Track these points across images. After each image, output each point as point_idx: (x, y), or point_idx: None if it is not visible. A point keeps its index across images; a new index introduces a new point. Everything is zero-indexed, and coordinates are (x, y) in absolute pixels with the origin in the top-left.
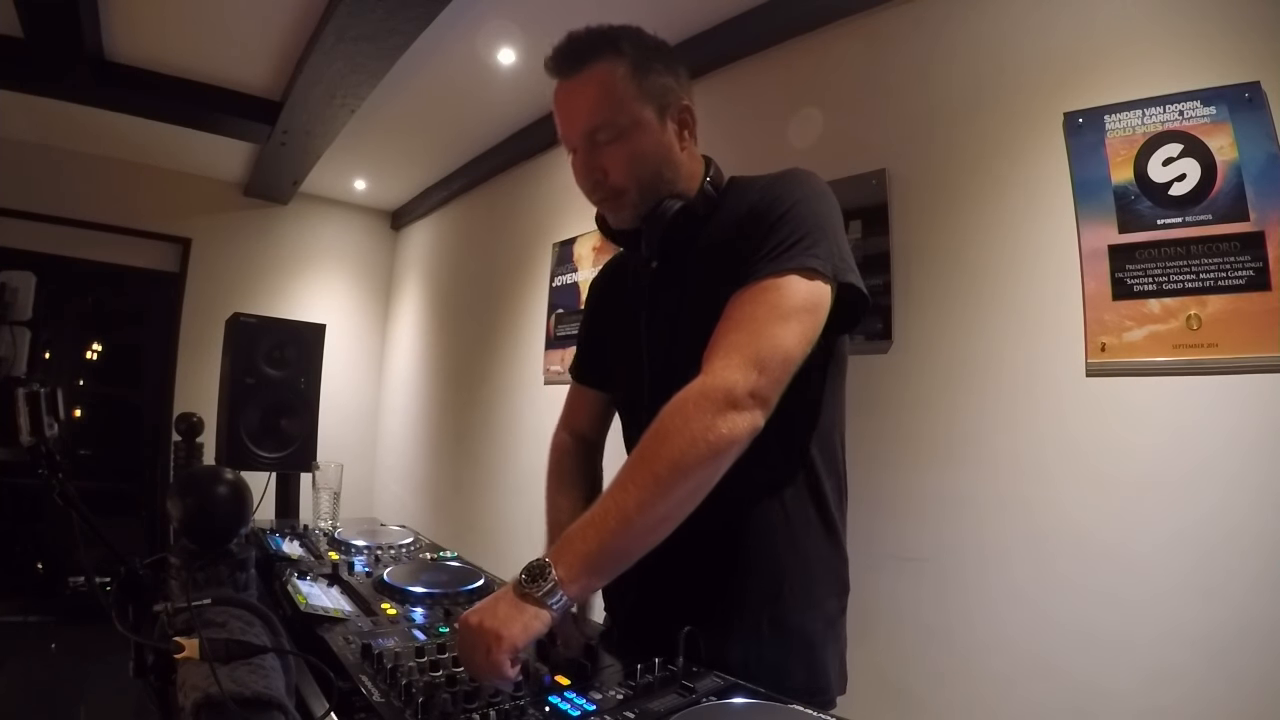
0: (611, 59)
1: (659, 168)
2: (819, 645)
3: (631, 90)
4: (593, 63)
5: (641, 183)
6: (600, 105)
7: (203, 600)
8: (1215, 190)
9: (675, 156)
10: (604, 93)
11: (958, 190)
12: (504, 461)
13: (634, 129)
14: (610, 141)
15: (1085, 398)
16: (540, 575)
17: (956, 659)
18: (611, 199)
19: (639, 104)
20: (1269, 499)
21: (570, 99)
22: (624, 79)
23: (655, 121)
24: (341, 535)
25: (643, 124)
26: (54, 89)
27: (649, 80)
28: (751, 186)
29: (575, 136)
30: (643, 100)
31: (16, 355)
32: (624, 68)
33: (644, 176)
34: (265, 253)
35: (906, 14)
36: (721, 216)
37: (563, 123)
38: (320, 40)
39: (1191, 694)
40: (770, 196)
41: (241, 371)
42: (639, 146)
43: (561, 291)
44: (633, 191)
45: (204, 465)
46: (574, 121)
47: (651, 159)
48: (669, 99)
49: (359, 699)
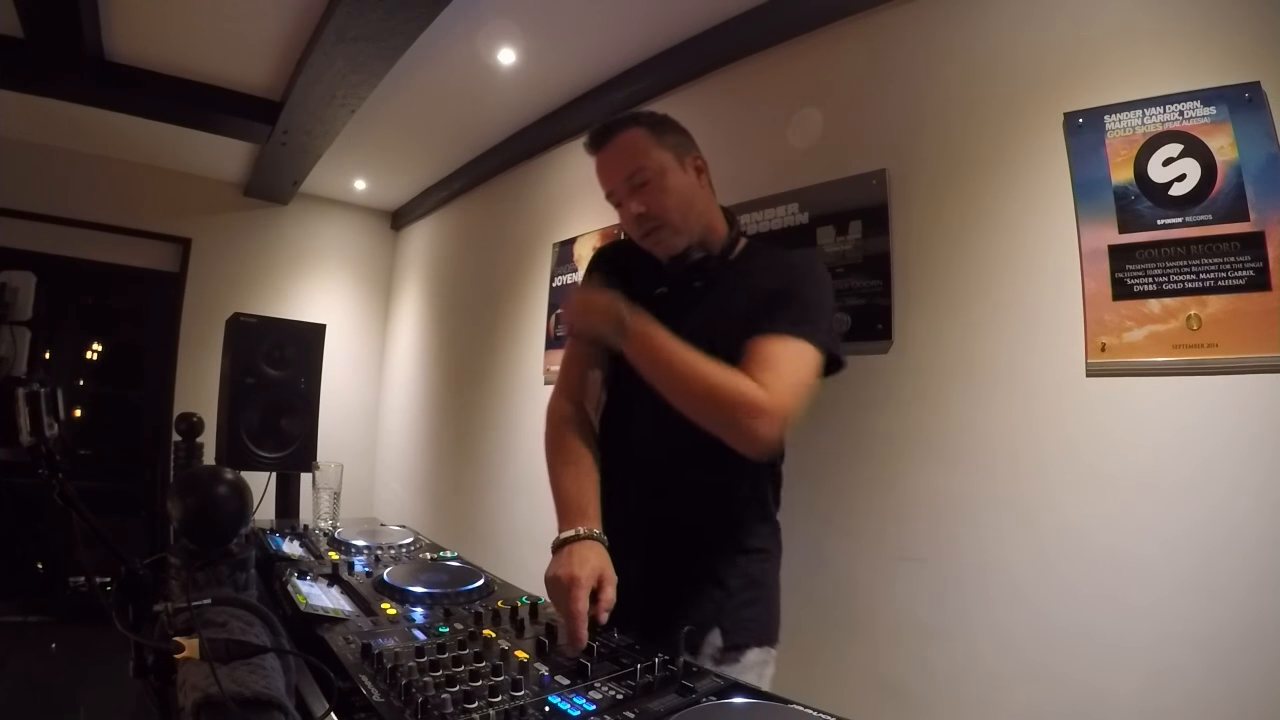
0: (632, 127)
1: (690, 200)
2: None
3: (651, 144)
4: (619, 133)
5: (675, 211)
6: (630, 158)
7: (203, 600)
8: (1215, 190)
9: (700, 193)
10: (631, 149)
11: (958, 190)
12: (504, 461)
13: (661, 172)
14: (644, 184)
15: (1085, 398)
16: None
17: (956, 659)
18: (657, 229)
19: (660, 153)
20: (1269, 499)
21: (606, 163)
22: (645, 138)
23: (676, 165)
24: (341, 535)
25: (666, 167)
26: (54, 89)
27: (665, 138)
28: (776, 261)
29: (617, 187)
30: (662, 150)
31: (16, 355)
32: (644, 131)
33: (677, 206)
34: (265, 253)
35: (906, 14)
36: (746, 279)
37: (605, 181)
38: (320, 40)
39: (1192, 695)
40: (793, 281)
41: (241, 371)
42: (668, 184)
43: (561, 291)
44: (674, 219)
45: (204, 465)
46: (612, 176)
47: (681, 194)
48: (683, 151)
49: (359, 699)
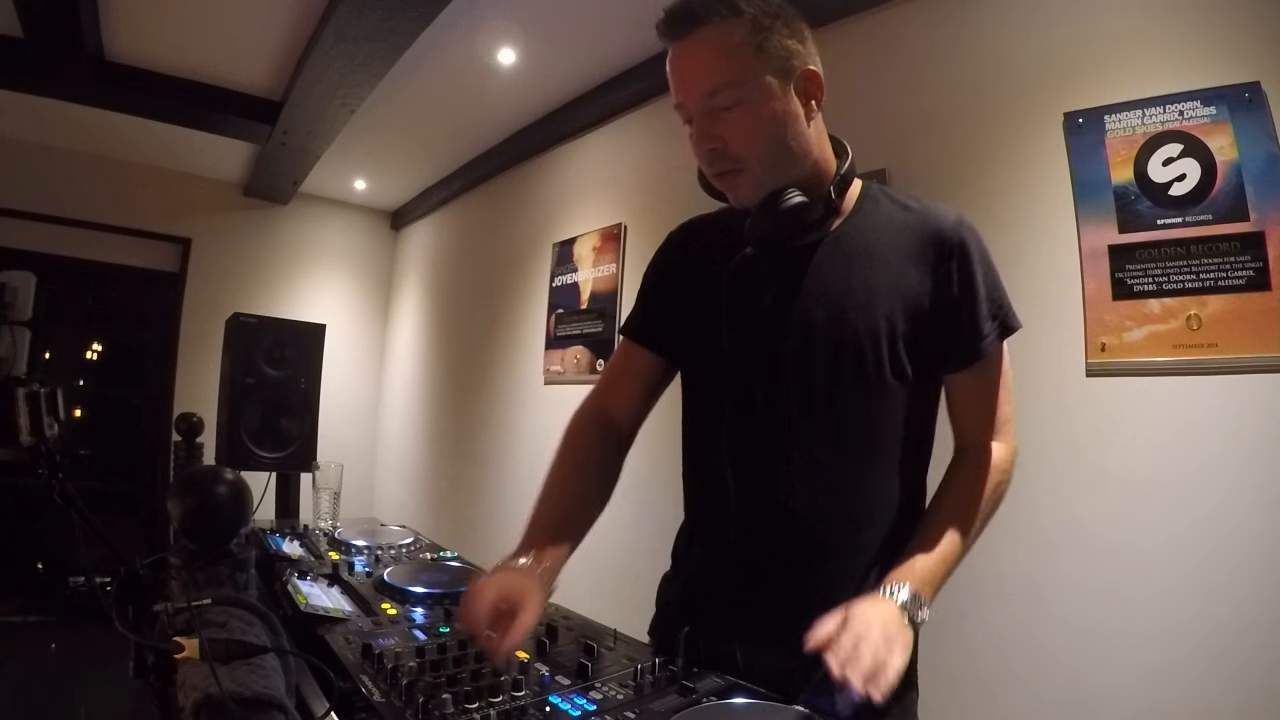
0: (729, 18)
1: (783, 138)
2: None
3: (751, 53)
4: (708, 22)
5: (764, 154)
6: (717, 68)
7: (203, 600)
8: (1215, 190)
9: (801, 127)
10: (721, 55)
11: (958, 190)
12: (504, 461)
13: (755, 94)
14: (729, 107)
15: (1085, 397)
16: (920, 606)
17: (957, 656)
18: (731, 172)
19: (760, 68)
20: (1269, 498)
21: (684, 63)
22: (743, 40)
23: (778, 88)
24: (341, 535)
25: (764, 89)
26: (54, 89)
27: (771, 42)
28: (916, 221)
29: (691, 102)
30: (764, 64)
31: (16, 355)
32: (743, 28)
33: (767, 147)
34: (265, 253)
35: (906, 14)
36: (874, 243)
37: (677, 89)
38: (320, 40)
39: (1192, 692)
40: (970, 265)
41: (241, 371)
42: (761, 113)
43: (561, 291)
44: (754, 163)
45: (204, 465)
46: (689, 87)
47: (775, 128)
48: (793, 64)
49: (359, 699)
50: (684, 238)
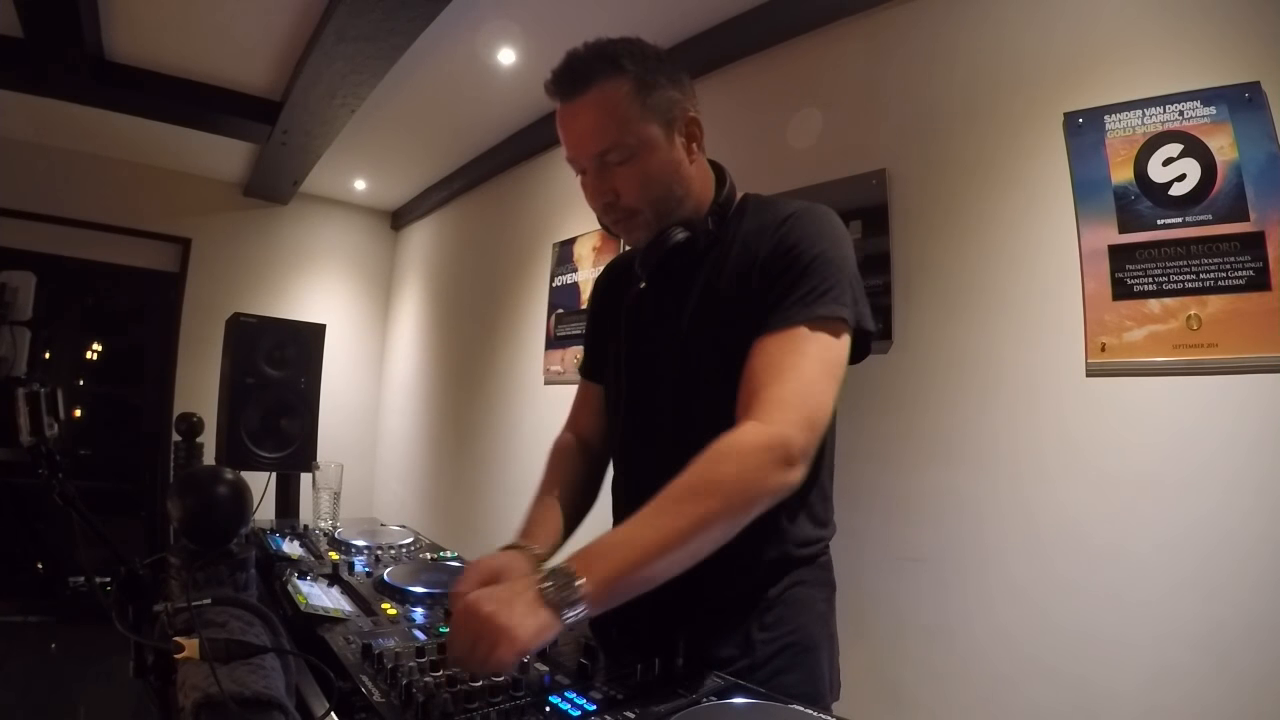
0: (614, 78)
1: (670, 185)
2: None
3: (636, 109)
4: (595, 83)
5: (654, 202)
6: (607, 128)
7: (203, 600)
8: (1215, 190)
9: (685, 172)
10: (609, 114)
11: (958, 190)
12: (504, 461)
13: (642, 149)
14: (620, 163)
15: (1085, 398)
16: (567, 584)
17: (956, 659)
18: (625, 219)
19: (645, 122)
20: (1269, 499)
21: (574, 123)
22: (628, 98)
23: (663, 139)
24: (341, 535)
25: (651, 143)
26: (54, 89)
27: (653, 96)
28: (766, 216)
29: (584, 159)
30: (648, 118)
31: (16, 355)
32: (627, 86)
33: (657, 195)
34: (265, 253)
35: (906, 14)
36: (731, 249)
37: (569, 146)
38: (320, 40)
39: (1192, 694)
40: (792, 239)
41: (241, 371)
42: (649, 166)
43: (561, 291)
44: (646, 211)
45: (204, 465)
46: (580, 145)
47: (662, 178)
48: (675, 113)
49: (359, 699)
50: (605, 280)
